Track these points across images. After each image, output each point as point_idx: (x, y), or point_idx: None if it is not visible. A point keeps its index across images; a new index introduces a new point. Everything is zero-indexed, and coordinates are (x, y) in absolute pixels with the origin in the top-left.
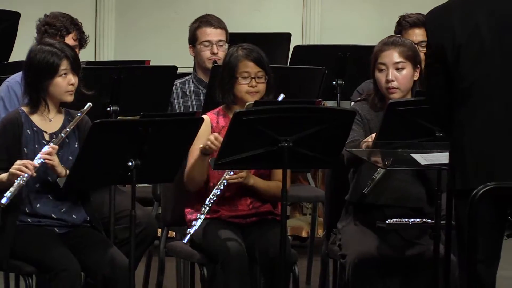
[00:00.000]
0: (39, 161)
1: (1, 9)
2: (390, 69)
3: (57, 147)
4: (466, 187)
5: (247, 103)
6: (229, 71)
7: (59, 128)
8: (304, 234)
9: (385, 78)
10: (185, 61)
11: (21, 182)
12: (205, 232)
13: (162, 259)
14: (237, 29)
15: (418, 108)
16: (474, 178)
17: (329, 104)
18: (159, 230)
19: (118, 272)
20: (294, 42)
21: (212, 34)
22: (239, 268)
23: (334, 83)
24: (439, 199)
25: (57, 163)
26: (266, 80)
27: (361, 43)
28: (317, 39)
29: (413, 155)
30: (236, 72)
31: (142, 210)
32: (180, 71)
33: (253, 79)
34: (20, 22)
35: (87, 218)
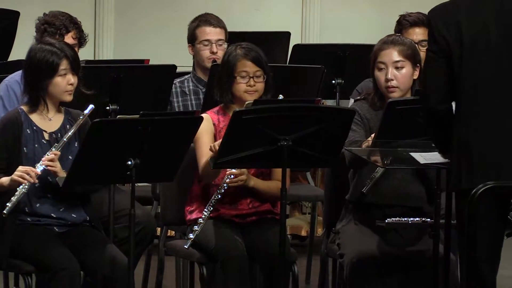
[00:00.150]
0: (41, 167)
1: (0, 8)
2: (390, 68)
3: (59, 153)
4: (473, 186)
5: (246, 102)
6: (227, 70)
7: (59, 127)
8: (303, 233)
9: (385, 77)
10: (184, 60)
11: (23, 190)
12: (205, 231)
13: (161, 258)
14: (236, 28)
15: (417, 107)
16: (480, 177)
17: (329, 103)
18: (158, 229)
19: (117, 271)
20: (294, 41)
21: (211, 33)
22: (239, 268)
23: (334, 82)
24: (439, 198)
25: (59, 169)
26: (264, 80)
27: (360, 42)
28: (316, 38)
29: (412, 154)
30: (234, 71)
31: (141, 209)
32: (179, 70)
33: (251, 79)
34: (20, 21)
35: (87, 217)
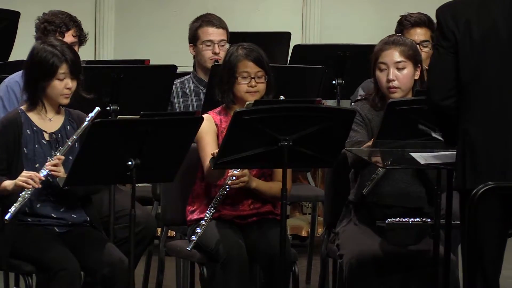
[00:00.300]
0: (45, 172)
1: (1, 8)
2: (391, 68)
3: (63, 157)
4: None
5: (247, 103)
6: (228, 70)
7: (59, 127)
8: (304, 234)
9: (386, 78)
10: (185, 61)
11: (25, 196)
12: (206, 232)
13: (161, 258)
14: (237, 28)
15: (418, 108)
16: (486, 178)
17: (329, 103)
18: (158, 229)
19: (117, 272)
20: (294, 41)
21: (214, 33)
22: (239, 268)
23: (334, 82)
24: (439, 199)
25: (62, 173)
26: (266, 80)
27: (361, 43)
28: (317, 38)
29: (413, 154)
30: (235, 72)
31: (141, 210)
32: (179, 70)
33: (252, 79)
34: (20, 21)
35: (87, 218)
